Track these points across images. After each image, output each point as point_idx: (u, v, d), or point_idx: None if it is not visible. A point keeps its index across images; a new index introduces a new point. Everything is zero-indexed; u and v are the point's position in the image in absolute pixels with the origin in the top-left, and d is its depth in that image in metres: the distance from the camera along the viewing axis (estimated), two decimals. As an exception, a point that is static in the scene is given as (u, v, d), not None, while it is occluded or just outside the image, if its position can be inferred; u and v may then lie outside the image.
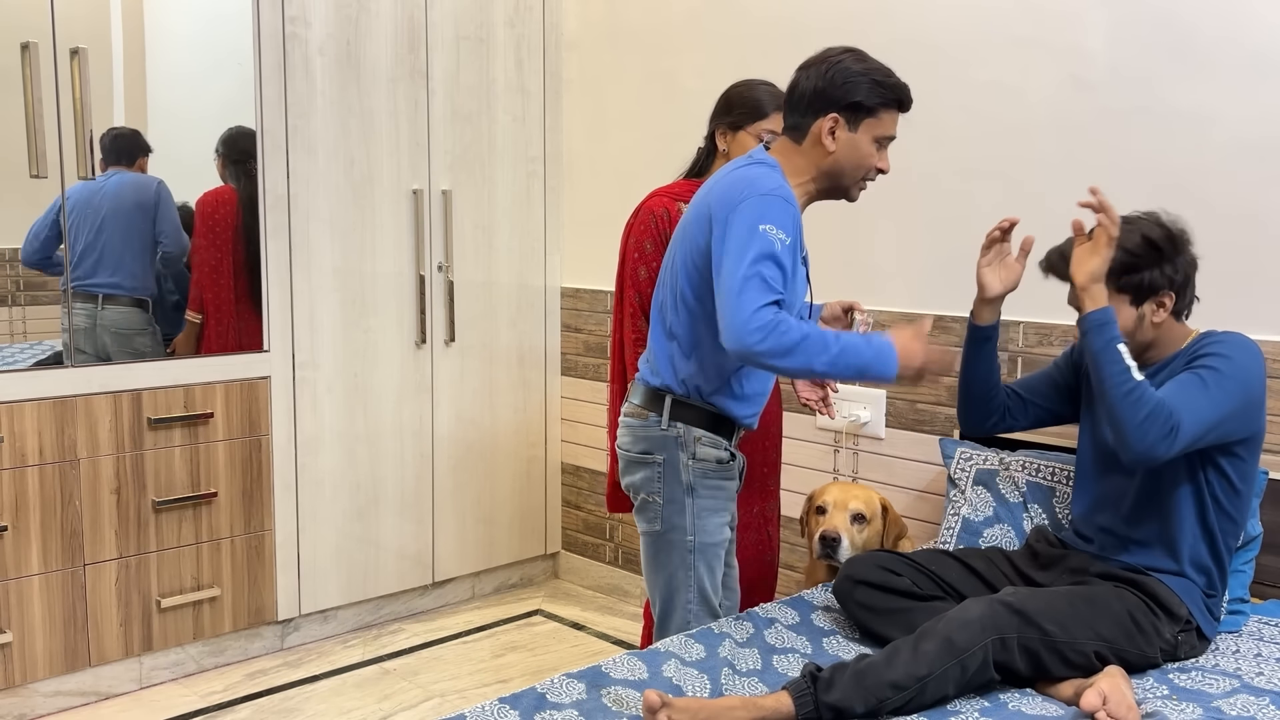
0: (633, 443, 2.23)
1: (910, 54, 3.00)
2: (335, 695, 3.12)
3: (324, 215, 3.35)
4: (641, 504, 2.25)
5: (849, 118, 2.08)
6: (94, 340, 3.00)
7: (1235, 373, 2.06)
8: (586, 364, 3.94)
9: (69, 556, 2.97)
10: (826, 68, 2.09)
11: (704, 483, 2.19)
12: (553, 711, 1.83)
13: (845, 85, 2.07)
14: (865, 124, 2.09)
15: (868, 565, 2.24)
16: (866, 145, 2.10)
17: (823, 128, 2.09)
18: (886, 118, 2.11)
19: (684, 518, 2.19)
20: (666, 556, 2.23)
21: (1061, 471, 2.54)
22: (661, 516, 2.21)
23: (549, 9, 3.86)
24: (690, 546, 2.21)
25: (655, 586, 2.28)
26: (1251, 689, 1.94)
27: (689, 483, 2.19)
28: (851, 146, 2.10)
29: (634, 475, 2.24)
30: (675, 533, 2.21)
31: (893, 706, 1.86)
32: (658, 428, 2.19)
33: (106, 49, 2.98)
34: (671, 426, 2.18)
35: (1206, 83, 2.52)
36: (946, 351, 2.07)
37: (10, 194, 2.86)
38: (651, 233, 2.62)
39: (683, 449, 2.18)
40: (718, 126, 2.66)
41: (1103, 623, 2.01)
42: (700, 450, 2.18)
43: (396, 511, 3.62)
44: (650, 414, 2.20)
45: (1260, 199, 2.46)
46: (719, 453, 2.20)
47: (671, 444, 2.18)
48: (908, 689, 1.86)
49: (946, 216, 2.98)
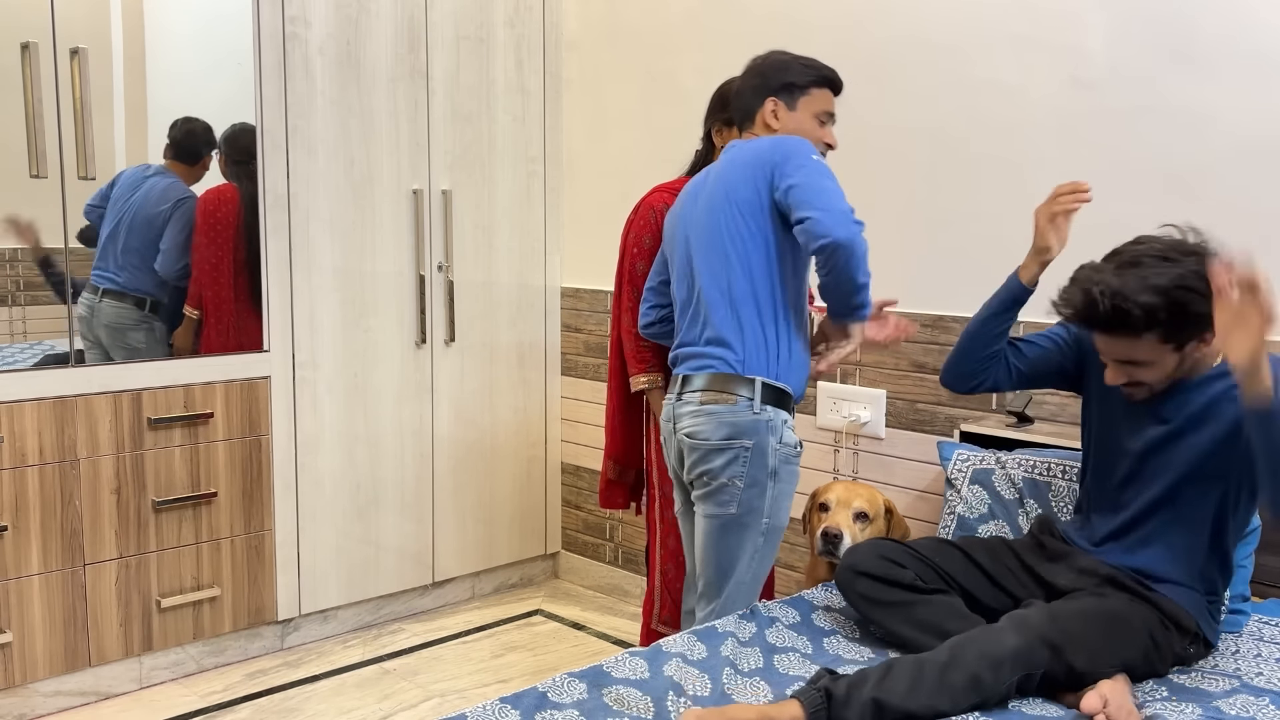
0: (715, 429, 2.24)
1: (910, 54, 3.01)
2: (335, 695, 3.12)
3: (324, 215, 3.35)
4: (717, 488, 2.27)
5: (785, 98, 2.33)
6: (91, 332, 3.00)
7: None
8: (586, 364, 3.94)
9: (69, 556, 2.97)
10: (758, 62, 2.38)
11: (785, 467, 2.27)
12: (554, 711, 1.83)
13: (776, 70, 2.33)
14: (802, 102, 2.34)
15: (870, 556, 2.20)
16: (808, 121, 2.34)
17: (765, 111, 2.33)
18: (819, 94, 2.34)
19: (763, 501, 2.26)
20: (736, 537, 2.28)
21: (1057, 466, 2.54)
22: (739, 500, 2.25)
23: (549, 9, 3.86)
24: (764, 529, 2.28)
25: (709, 563, 2.31)
26: (1251, 689, 1.94)
27: (774, 467, 2.25)
28: (795, 123, 2.33)
29: (713, 462, 2.26)
30: (751, 515, 2.26)
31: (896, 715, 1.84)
32: (748, 412, 2.22)
33: (106, 49, 2.98)
34: (763, 410, 2.23)
35: (1207, 83, 2.52)
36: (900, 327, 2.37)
37: (10, 194, 2.86)
38: (651, 228, 2.62)
39: (772, 433, 2.23)
40: (713, 124, 2.65)
41: (1125, 647, 1.97)
42: (786, 434, 2.26)
43: (396, 511, 3.62)
44: (739, 398, 2.23)
45: (1260, 199, 2.47)
46: (797, 437, 2.30)
47: (763, 428, 2.23)
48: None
49: (946, 216, 2.98)
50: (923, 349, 3.03)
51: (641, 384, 2.73)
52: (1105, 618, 1.99)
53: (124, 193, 3.02)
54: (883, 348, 2.65)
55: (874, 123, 3.09)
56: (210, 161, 3.13)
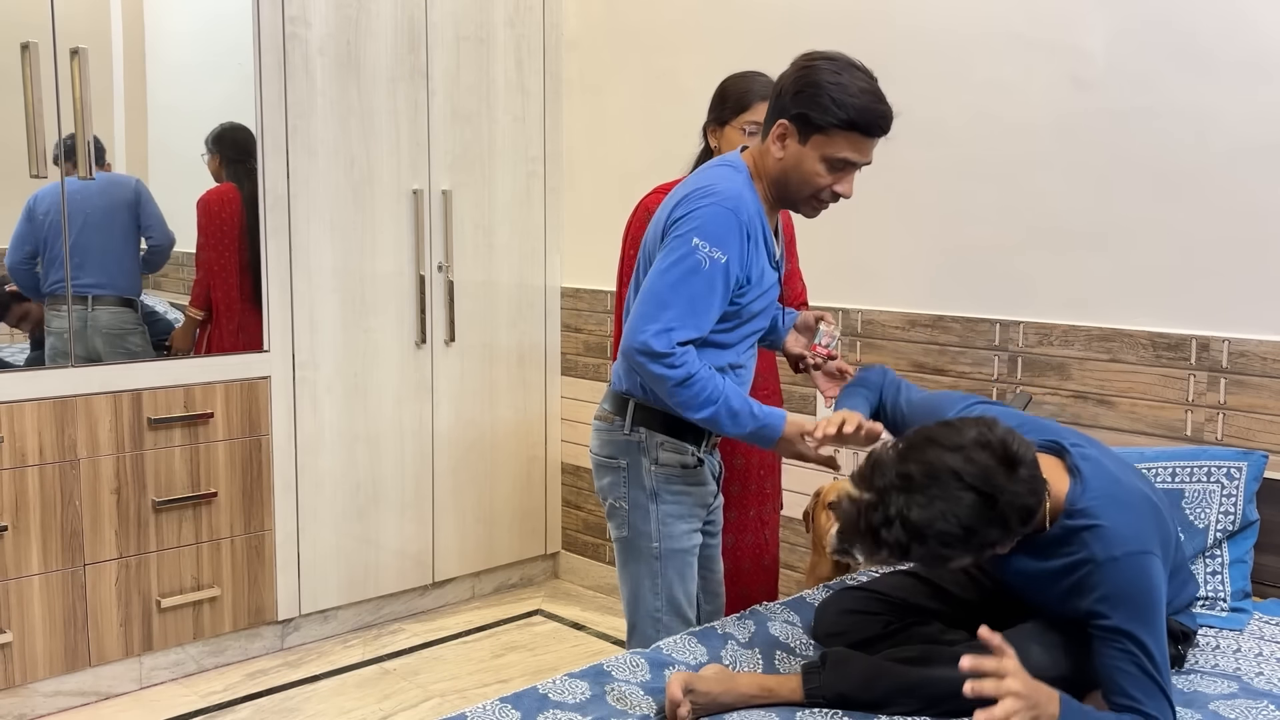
0: (600, 447, 2.21)
1: (910, 54, 3.01)
2: (335, 695, 3.12)
3: (324, 215, 3.35)
4: (609, 509, 2.22)
5: (800, 129, 1.97)
6: (85, 342, 2.99)
7: (1156, 606, 1.74)
8: (586, 364, 3.94)
9: (69, 556, 2.97)
10: (801, 70, 1.98)
11: (668, 488, 2.15)
12: (555, 711, 1.83)
13: (802, 94, 1.95)
14: (814, 140, 1.97)
15: (835, 616, 2.13)
16: (812, 163, 1.98)
17: (775, 132, 2.00)
18: (839, 139, 1.95)
19: (649, 524, 2.16)
20: (635, 563, 2.20)
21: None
22: (628, 522, 2.18)
23: (549, 9, 3.86)
24: (656, 553, 2.17)
25: (624, 591, 2.25)
26: (1251, 689, 1.94)
27: (652, 488, 2.15)
28: (797, 159, 1.99)
29: (601, 480, 2.22)
30: (641, 539, 2.17)
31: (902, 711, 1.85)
32: (621, 432, 2.15)
33: (106, 49, 2.98)
34: (634, 431, 2.13)
35: (1206, 83, 2.52)
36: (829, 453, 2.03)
37: (10, 194, 2.86)
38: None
39: (645, 454, 2.14)
40: (707, 124, 2.64)
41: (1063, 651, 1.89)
42: (662, 455, 2.14)
43: (396, 511, 3.62)
44: (615, 418, 2.17)
45: (1260, 199, 2.47)
46: (683, 458, 2.15)
47: (634, 449, 2.14)
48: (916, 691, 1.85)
49: (946, 216, 2.98)
50: (922, 349, 3.03)
51: None
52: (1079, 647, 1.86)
53: (54, 207, 2.89)
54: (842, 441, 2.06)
55: (874, 123, 3.09)
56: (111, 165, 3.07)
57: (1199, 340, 2.54)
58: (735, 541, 2.72)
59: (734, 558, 2.71)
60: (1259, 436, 2.47)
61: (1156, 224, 2.61)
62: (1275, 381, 2.45)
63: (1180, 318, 2.53)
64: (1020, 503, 1.66)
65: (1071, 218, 2.75)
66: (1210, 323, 2.54)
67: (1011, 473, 1.66)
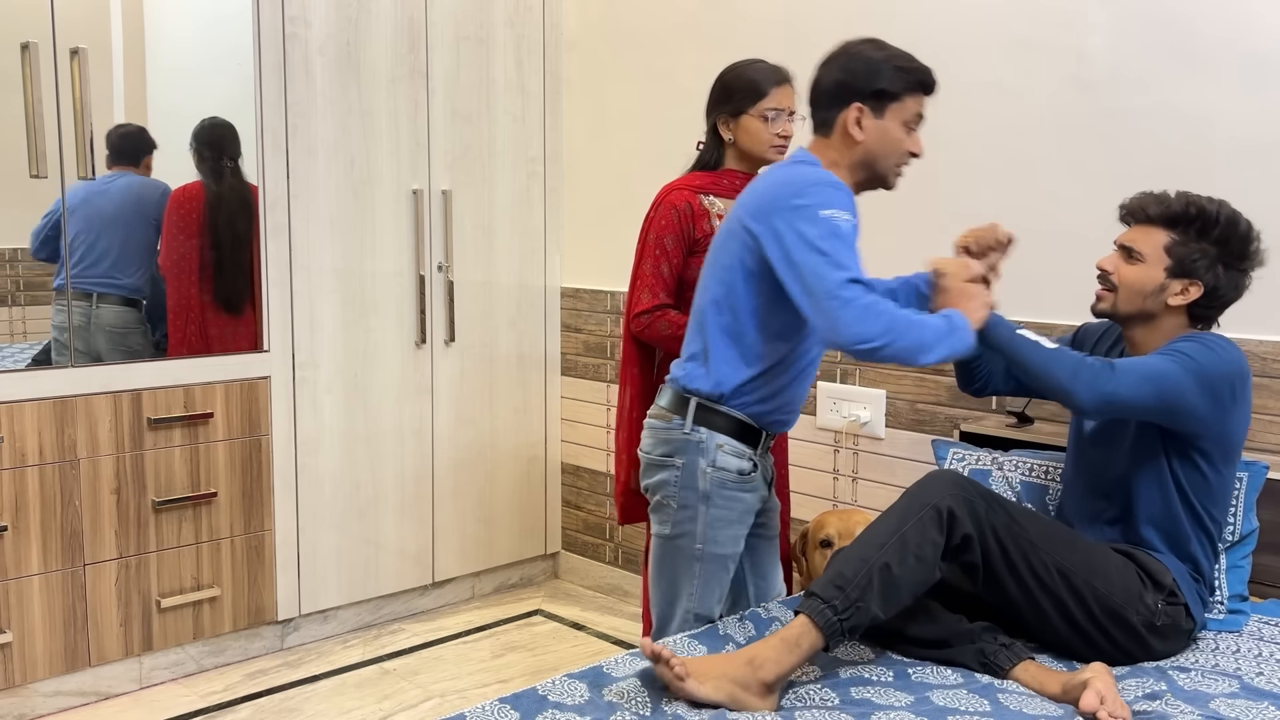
0: (654, 445, 2.21)
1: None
2: (335, 695, 3.12)
3: (324, 215, 3.35)
4: (656, 504, 2.24)
5: (874, 105, 2.07)
6: (88, 339, 3.00)
7: (1198, 356, 2.06)
8: (586, 364, 3.94)
9: (69, 556, 2.97)
10: (846, 58, 2.10)
11: (721, 492, 2.16)
12: (554, 711, 1.83)
13: (867, 74, 2.07)
14: (891, 110, 2.08)
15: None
16: (896, 130, 2.10)
17: (849, 118, 2.08)
18: (911, 101, 2.10)
19: (695, 525, 2.17)
20: (673, 561, 2.22)
21: (1055, 470, 2.54)
22: (674, 520, 2.20)
23: (549, 9, 3.86)
24: (698, 555, 2.18)
25: (658, 589, 2.27)
26: (1251, 689, 1.94)
27: (705, 490, 2.16)
28: (881, 133, 2.09)
29: (652, 477, 2.23)
30: (685, 539, 2.19)
31: (879, 564, 1.91)
32: (680, 431, 2.16)
33: (106, 49, 2.98)
34: (694, 431, 2.15)
35: (1206, 83, 2.52)
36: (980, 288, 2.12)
37: (10, 194, 2.86)
38: (674, 228, 2.57)
39: (703, 455, 2.15)
40: (718, 117, 2.61)
41: (1076, 551, 2.03)
42: (720, 458, 2.15)
43: (396, 511, 3.62)
44: (674, 417, 2.18)
45: (1260, 199, 2.46)
46: (740, 462, 2.16)
47: (692, 449, 2.15)
48: (885, 544, 1.93)
49: (946, 216, 2.98)
50: (923, 349, 3.02)
51: None
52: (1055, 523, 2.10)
53: (86, 204, 2.95)
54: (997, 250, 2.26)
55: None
56: (152, 161, 3.09)
57: (1199, 340, 2.54)
58: None
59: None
60: (1260, 437, 2.47)
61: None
62: (1275, 382, 2.44)
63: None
64: (1237, 248, 2.15)
65: (1071, 218, 2.75)
66: (1210, 323, 2.54)
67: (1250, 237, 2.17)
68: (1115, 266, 2.19)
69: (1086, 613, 2.02)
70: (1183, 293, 2.15)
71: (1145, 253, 2.15)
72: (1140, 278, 2.15)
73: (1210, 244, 2.12)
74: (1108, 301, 2.21)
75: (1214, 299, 2.16)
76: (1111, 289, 2.20)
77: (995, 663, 2.00)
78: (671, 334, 2.56)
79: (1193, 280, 2.14)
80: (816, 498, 3.27)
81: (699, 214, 2.57)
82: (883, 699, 1.91)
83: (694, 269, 2.56)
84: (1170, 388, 2.03)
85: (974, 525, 1.98)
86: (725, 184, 2.62)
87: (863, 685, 1.97)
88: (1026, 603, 2.04)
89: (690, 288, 2.58)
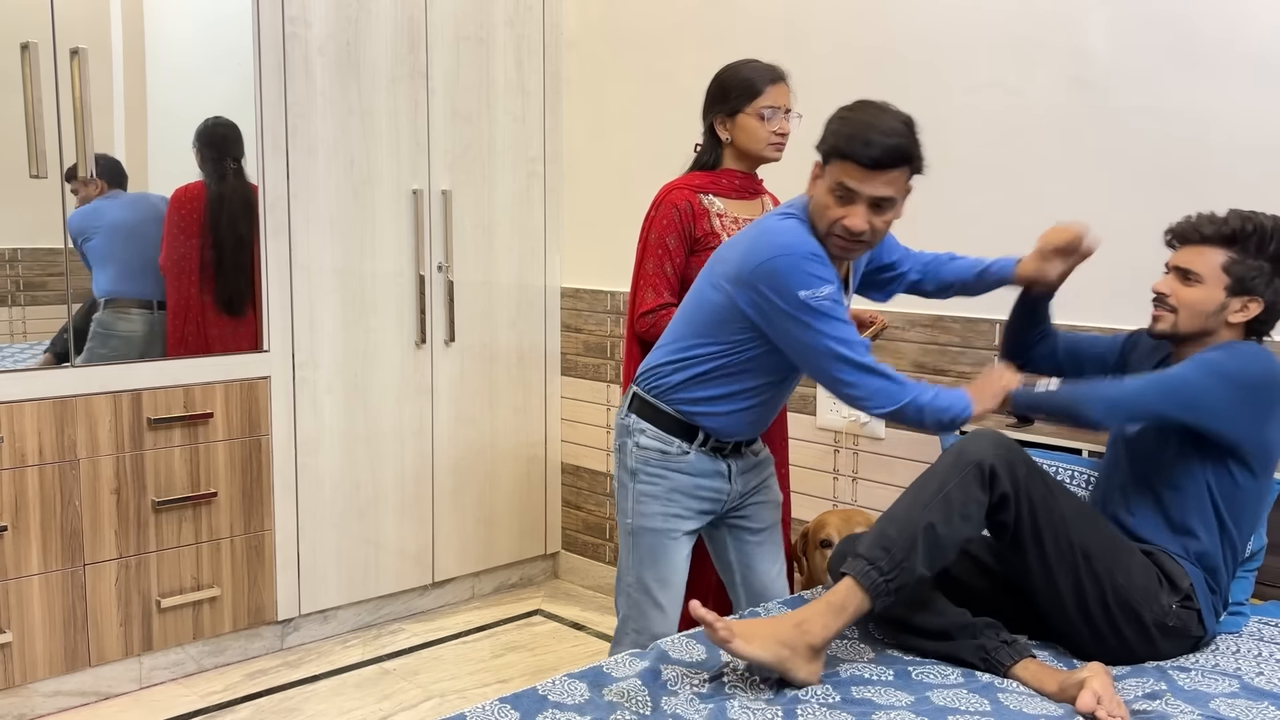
0: (614, 435, 2.41)
1: (910, 54, 3.01)
2: (335, 695, 3.12)
3: (324, 215, 3.35)
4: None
5: (822, 164, 2.08)
6: (104, 344, 3.00)
7: (1221, 360, 2.08)
8: (586, 364, 3.94)
9: (69, 556, 2.97)
10: (837, 112, 2.10)
11: (645, 469, 2.29)
12: (554, 711, 1.83)
13: (825, 129, 2.07)
14: (826, 170, 2.06)
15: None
16: (823, 194, 2.06)
17: (812, 170, 2.11)
18: (835, 166, 2.02)
19: (627, 501, 2.32)
20: (621, 537, 2.37)
21: (1065, 471, 2.54)
22: (618, 499, 2.36)
23: (549, 9, 3.86)
24: (629, 529, 2.32)
25: None
26: (1251, 689, 1.94)
27: (632, 467, 2.30)
28: (816, 193, 2.08)
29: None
30: (622, 515, 2.34)
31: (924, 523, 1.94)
32: (621, 418, 2.34)
33: (106, 49, 2.98)
34: (628, 416, 2.31)
35: (1206, 83, 2.52)
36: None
37: (10, 194, 2.86)
38: (675, 228, 2.57)
39: (629, 435, 2.30)
40: (715, 117, 2.61)
41: (1104, 538, 2.04)
42: (643, 439, 2.28)
43: (396, 511, 3.62)
44: (623, 406, 2.36)
45: (1260, 199, 2.46)
46: (664, 445, 2.27)
47: (621, 431, 2.33)
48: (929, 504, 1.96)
49: (946, 216, 2.98)
50: (921, 349, 3.03)
51: None
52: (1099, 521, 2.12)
53: (93, 217, 3.02)
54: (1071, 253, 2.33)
55: (874, 123, 3.09)
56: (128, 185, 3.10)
57: (1199, 340, 2.54)
58: None
59: None
60: None
61: (1156, 224, 2.60)
62: (1275, 381, 2.44)
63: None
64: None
65: (1072, 218, 2.74)
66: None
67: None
68: (1173, 289, 2.18)
69: (1100, 599, 2.02)
70: (1242, 310, 2.14)
71: (1203, 273, 2.14)
72: (1201, 299, 2.14)
73: (1266, 260, 2.13)
74: (1167, 322, 2.19)
75: (1273, 313, 2.16)
76: (1171, 310, 2.18)
77: (996, 659, 2.00)
78: None
79: (1253, 297, 2.13)
80: (816, 498, 3.27)
81: (699, 213, 2.57)
82: (883, 698, 1.91)
83: (695, 268, 2.56)
84: (1178, 386, 2.05)
85: (1011, 485, 1.99)
86: (724, 184, 2.62)
87: (863, 684, 1.97)
88: (1043, 576, 2.04)
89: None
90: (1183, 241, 2.20)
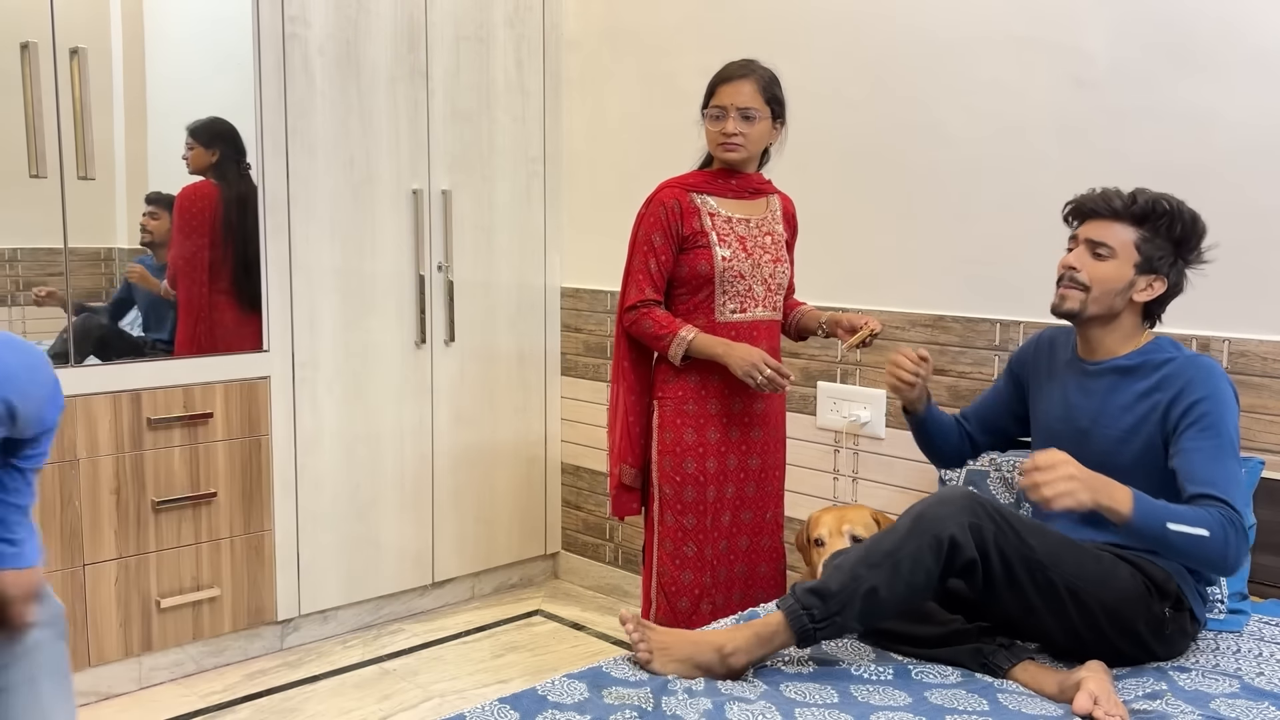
0: None
1: (910, 54, 3.01)
2: (335, 695, 3.12)
3: (324, 215, 3.35)
4: None
5: None
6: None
7: (1231, 412, 2.07)
8: (586, 364, 3.94)
9: (69, 556, 2.97)
10: None
11: None
12: (553, 712, 1.83)
13: None
14: None
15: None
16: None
17: None
18: None
19: None
20: None
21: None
22: None
23: (549, 9, 3.86)
24: None
25: None
26: (1251, 689, 1.94)
27: None
28: None
29: None
30: None
31: (866, 586, 1.91)
32: None
33: (106, 49, 2.98)
34: None
35: (1207, 83, 2.52)
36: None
37: (10, 194, 2.86)
38: (661, 225, 2.58)
39: None
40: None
41: (1085, 565, 1.99)
42: None
43: (396, 511, 3.62)
44: None
45: (1261, 199, 2.46)
46: None
47: None
48: (878, 565, 1.92)
49: (946, 216, 2.98)
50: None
51: (688, 335, 2.57)
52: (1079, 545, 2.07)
53: None
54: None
55: (874, 123, 3.09)
56: None
57: (1199, 340, 2.54)
58: (751, 544, 2.72)
59: (749, 559, 2.71)
60: (1260, 437, 2.47)
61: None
62: (1275, 381, 2.44)
63: (1180, 318, 2.51)
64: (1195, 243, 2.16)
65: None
66: (1210, 323, 2.54)
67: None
68: (1084, 264, 2.15)
69: (1093, 625, 2.00)
70: (1147, 289, 2.15)
71: (1115, 248, 2.13)
72: (1113, 275, 2.13)
73: (1171, 242, 2.14)
74: (1075, 300, 2.16)
75: (1170, 295, 2.17)
76: (1081, 288, 2.15)
77: (994, 663, 2.00)
78: (654, 332, 2.58)
79: (1158, 276, 2.14)
80: (816, 497, 3.27)
81: (688, 211, 2.58)
82: (882, 698, 1.91)
83: (685, 266, 2.58)
84: (1236, 443, 2.06)
85: (979, 549, 1.94)
86: (720, 184, 2.63)
87: (862, 684, 1.97)
88: (1032, 619, 2.03)
89: (680, 285, 2.60)
90: (1090, 215, 2.17)
